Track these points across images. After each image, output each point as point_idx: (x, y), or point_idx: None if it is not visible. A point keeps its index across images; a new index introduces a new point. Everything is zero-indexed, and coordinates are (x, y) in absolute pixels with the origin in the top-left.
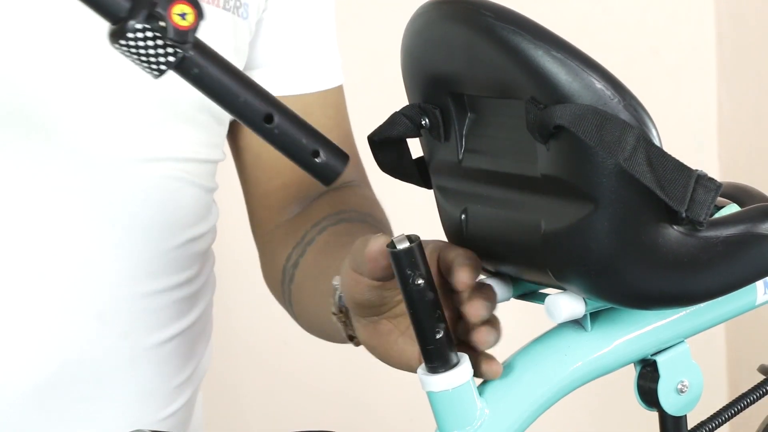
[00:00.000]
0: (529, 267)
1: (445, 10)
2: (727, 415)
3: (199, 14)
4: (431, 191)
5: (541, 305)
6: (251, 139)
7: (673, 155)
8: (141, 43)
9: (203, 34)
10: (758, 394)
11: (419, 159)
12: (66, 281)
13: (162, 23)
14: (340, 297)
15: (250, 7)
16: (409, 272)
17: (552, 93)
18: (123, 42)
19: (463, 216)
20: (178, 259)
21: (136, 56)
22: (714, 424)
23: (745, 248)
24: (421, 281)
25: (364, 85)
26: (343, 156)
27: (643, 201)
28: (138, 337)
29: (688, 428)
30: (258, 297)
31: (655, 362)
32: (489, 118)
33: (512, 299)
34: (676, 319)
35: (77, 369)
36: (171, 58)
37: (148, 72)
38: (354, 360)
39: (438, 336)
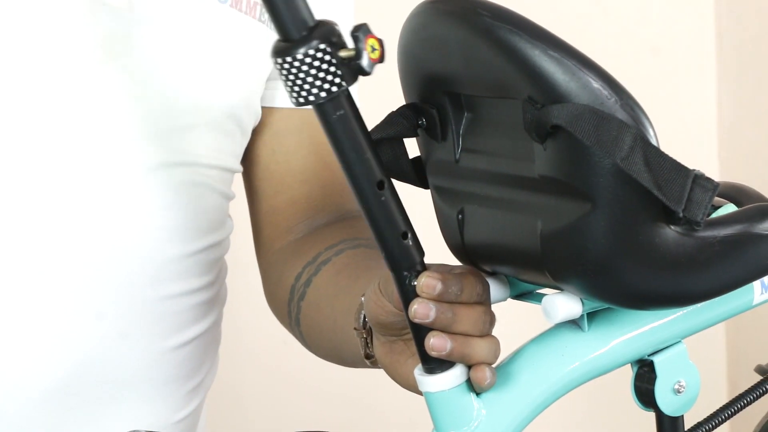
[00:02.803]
0: (526, 267)
1: (441, 9)
2: (724, 415)
3: (383, 54)
4: (428, 191)
5: (538, 305)
6: (261, 151)
7: (673, 155)
8: (316, 63)
9: (242, 44)
10: (755, 395)
11: (416, 159)
12: (81, 283)
13: (343, 53)
14: (364, 315)
15: None
16: (405, 273)
17: (549, 92)
18: (298, 58)
19: (459, 216)
20: (197, 264)
21: (301, 76)
22: (711, 425)
23: (742, 248)
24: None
25: (362, 85)
26: (421, 250)
27: (640, 201)
28: (153, 341)
29: (686, 428)
30: (257, 296)
31: (652, 362)
32: (486, 118)
33: (509, 299)
34: (672, 319)
35: (89, 372)
36: (334, 89)
37: (294, 97)
38: None
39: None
